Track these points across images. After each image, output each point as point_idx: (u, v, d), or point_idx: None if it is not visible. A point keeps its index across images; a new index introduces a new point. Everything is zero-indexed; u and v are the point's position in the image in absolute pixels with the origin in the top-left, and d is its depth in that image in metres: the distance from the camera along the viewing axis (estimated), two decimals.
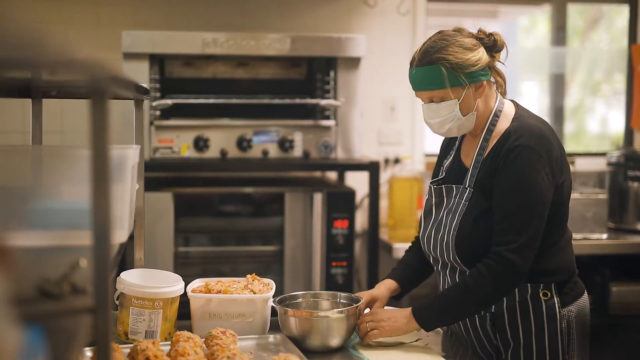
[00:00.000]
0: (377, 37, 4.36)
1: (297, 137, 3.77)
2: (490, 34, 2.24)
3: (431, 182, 2.42)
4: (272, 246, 3.79)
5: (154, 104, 3.67)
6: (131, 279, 2.26)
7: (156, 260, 3.49)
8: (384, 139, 4.42)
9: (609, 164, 4.27)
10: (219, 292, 2.29)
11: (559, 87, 4.95)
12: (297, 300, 2.41)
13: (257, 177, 4.13)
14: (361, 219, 4.26)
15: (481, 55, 2.20)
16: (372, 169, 3.76)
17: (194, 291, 2.31)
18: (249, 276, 2.41)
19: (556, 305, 2.23)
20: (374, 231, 3.77)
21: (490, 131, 2.26)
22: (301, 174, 4.27)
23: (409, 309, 2.23)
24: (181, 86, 3.92)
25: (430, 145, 4.44)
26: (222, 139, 3.73)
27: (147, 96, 2.41)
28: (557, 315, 2.23)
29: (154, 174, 3.84)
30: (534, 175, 2.14)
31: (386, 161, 4.40)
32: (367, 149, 4.24)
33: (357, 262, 4.15)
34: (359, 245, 4.21)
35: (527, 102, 2.37)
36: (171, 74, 3.93)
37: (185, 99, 3.79)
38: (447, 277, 2.32)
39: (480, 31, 2.25)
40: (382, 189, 4.12)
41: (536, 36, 5.58)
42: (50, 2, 4.06)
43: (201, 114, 3.81)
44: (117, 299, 2.26)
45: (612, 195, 4.15)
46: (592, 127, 5.37)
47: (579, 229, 3.83)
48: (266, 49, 3.73)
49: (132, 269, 2.43)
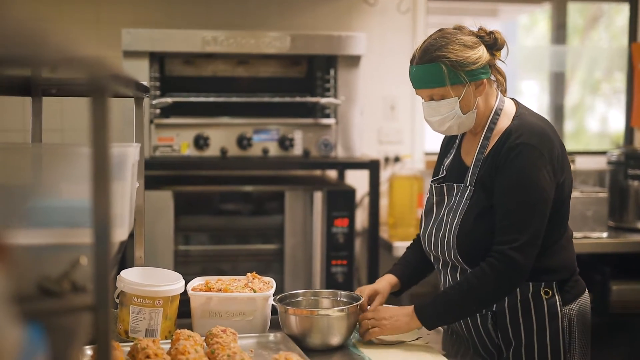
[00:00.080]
0: (377, 36, 4.36)
1: (297, 136, 3.77)
2: (490, 32, 2.24)
3: (432, 181, 2.42)
4: (273, 245, 3.79)
5: (154, 102, 3.67)
6: (131, 277, 2.25)
7: (156, 258, 3.49)
8: (384, 137, 4.42)
9: (609, 163, 4.27)
10: (219, 291, 2.29)
11: (559, 85, 4.94)
12: (298, 298, 2.41)
13: (257, 175, 4.13)
14: (361, 218, 4.26)
15: (481, 53, 2.20)
16: (372, 167, 3.76)
17: (194, 289, 2.31)
18: (249, 274, 2.41)
19: (557, 303, 2.23)
20: (374, 230, 3.77)
21: (491, 129, 2.26)
22: (301, 173, 4.27)
23: (411, 307, 2.22)
24: (181, 84, 3.92)
25: (430, 143, 4.44)
26: (222, 138, 3.72)
27: (147, 94, 2.41)
28: (559, 313, 2.23)
29: (154, 173, 3.84)
30: (536, 173, 2.14)
31: (386, 160, 4.40)
32: (367, 147, 4.24)
33: (357, 260, 4.15)
34: (359, 243, 4.21)
35: (527, 101, 2.36)
36: (171, 72, 3.93)
37: (185, 97, 3.79)
38: (448, 275, 2.32)
39: (480, 29, 2.25)
40: (382, 187, 4.12)
41: (536, 35, 5.58)
42: (50, 0, 4.06)
43: (201, 112, 3.81)
44: (118, 298, 2.25)
45: (613, 193, 4.15)
46: (592, 125, 5.37)
47: (579, 228, 3.82)
48: (266, 47, 3.72)
49: (132, 267, 2.43)
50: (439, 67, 2.17)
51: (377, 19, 4.38)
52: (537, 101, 5.15)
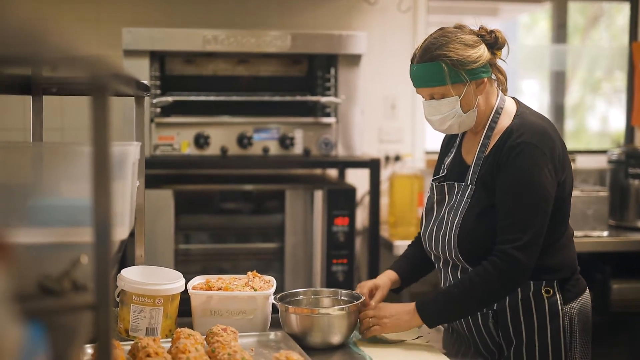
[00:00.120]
0: (377, 35, 4.36)
1: (298, 135, 3.77)
2: (491, 31, 2.24)
3: (433, 180, 2.42)
4: (273, 243, 3.79)
5: (154, 101, 3.67)
6: (132, 276, 2.26)
7: (157, 257, 3.49)
8: (385, 136, 4.42)
9: (610, 162, 4.27)
10: (220, 289, 2.29)
11: (559, 84, 4.94)
12: (298, 297, 2.41)
13: (257, 174, 4.13)
14: (362, 217, 4.26)
15: (482, 52, 2.20)
16: (373, 166, 3.76)
17: (194, 288, 2.31)
18: (249, 273, 2.41)
19: (558, 302, 2.23)
20: (374, 228, 3.77)
21: (491, 128, 2.26)
22: (302, 172, 4.27)
23: (412, 305, 2.22)
24: (182, 83, 3.92)
25: (430, 142, 4.44)
26: (222, 136, 3.72)
27: (147, 93, 2.41)
28: (560, 312, 2.23)
29: (155, 171, 3.83)
30: (537, 172, 2.14)
31: (387, 158, 4.40)
32: (367, 146, 4.24)
33: (358, 259, 4.15)
34: (359, 242, 4.21)
35: (527, 100, 2.36)
36: (172, 71, 3.93)
37: (185, 96, 3.79)
38: (449, 274, 2.32)
39: (481, 28, 2.25)
40: (383, 186, 4.12)
41: (536, 34, 5.57)
42: None
43: (202, 111, 3.81)
44: (118, 296, 2.25)
45: (613, 192, 4.15)
46: (593, 124, 5.37)
47: (580, 227, 3.82)
48: (267, 46, 3.72)
49: (132, 266, 2.43)
50: (439, 66, 2.17)
51: (377, 18, 4.38)
52: (537, 100, 5.15)
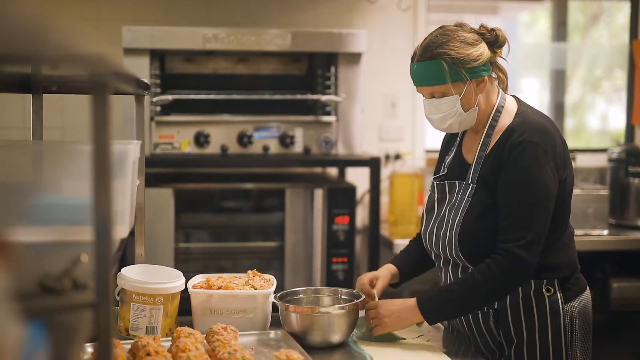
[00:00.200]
0: (378, 33, 4.36)
1: (298, 133, 3.76)
2: (492, 29, 2.24)
3: (433, 178, 2.42)
4: (273, 242, 3.79)
5: (154, 100, 3.67)
6: (132, 274, 2.25)
7: (157, 256, 3.49)
8: (385, 135, 4.41)
9: (610, 160, 4.26)
10: (220, 288, 2.29)
11: (559, 83, 4.94)
12: (298, 296, 2.40)
13: (257, 173, 4.13)
14: (362, 215, 4.26)
15: (482, 50, 2.19)
16: (373, 165, 3.75)
17: (194, 287, 2.31)
18: (249, 272, 2.41)
19: (559, 301, 2.23)
20: (374, 227, 3.77)
21: (492, 127, 2.25)
22: (302, 170, 4.27)
23: (413, 301, 2.21)
24: (182, 82, 3.92)
25: (431, 141, 4.44)
26: (222, 135, 3.72)
27: (147, 92, 2.40)
28: (561, 311, 2.22)
29: (155, 170, 3.83)
30: (539, 170, 2.14)
31: (387, 157, 4.40)
32: (367, 145, 4.24)
33: (358, 258, 4.15)
34: (359, 241, 4.20)
35: (527, 99, 2.36)
36: (172, 69, 3.93)
37: (185, 95, 3.79)
38: (449, 273, 2.31)
39: (481, 26, 2.25)
40: (383, 185, 4.12)
41: (536, 32, 5.57)
42: None
43: (202, 109, 3.80)
44: (118, 295, 2.25)
45: (613, 191, 4.15)
46: (593, 123, 5.37)
47: (580, 225, 3.82)
48: (267, 45, 3.72)
49: (133, 264, 2.43)
50: (440, 65, 2.17)
51: (377, 17, 4.38)
52: (537, 99, 5.14)
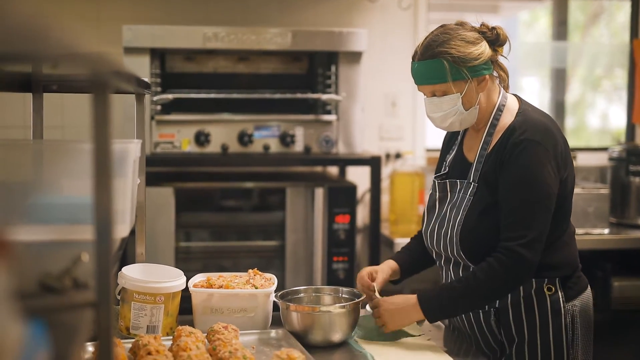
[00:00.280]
0: (378, 32, 4.36)
1: (298, 132, 3.76)
2: (493, 28, 2.23)
3: (435, 177, 2.42)
4: (274, 241, 3.79)
5: (154, 99, 3.66)
6: (133, 273, 2.25)
7: (157, 255, 3.49)
8: (385, 133, 4.41)
9: (611, 159, 4.26)
10: (221, 287, 2.29)
11: (559, 82, 4.94)
12: (299, 295, 2.40)
13: (258, 172, 4.13)
14: (362, 214, 4.26)
15: (484, 49, 2.19)
16: (374, 163, 3.75)
17: (195, 286, 2.31)
18: (250, 271, 2.41)
19: (560, 300, 2.23)
20: (375, 226, 3.77)
21: (493, 125, 2.25)
22: (302, 169, 4.26)
23: (414, 298, 2.20)
24: (182, 81, 3.92)
25: (431, 140, 4.44)
26: (223, 134, 3.72)
27: (148, 91, 2.40)
28: (562, 310, 2.22)
29: (155, 169, 3.83)
30: (541, 169, 2.13)
31: (387, 156, 4.39)
32: (368, 143, 4.23)
33: (359, 257, 4.14)
34: (360, 240, 4.20)
35: (527, 97, 2.36)
36: (172, 68, 3.93)
37: (186, 94, 3.79)
38: (450, 271, 2.31)
39: (483, 25, 2.24)
40: (384, 184, 4.11)
41: (537, 31, 5.57)
42: None
43: (202, 108, 3.80)
44: (119, 294, 2.25)
45: (614, 190, 4.15)
46: (593, 122, 5.36)
47: (580, 224, 3.82)
48: (267, 44, 3.72)
49: (133, 263, 2.43)
50: (440, 63, 2.17)
51: (378, 15, 4.37)
52: (537, 98, 5.14)
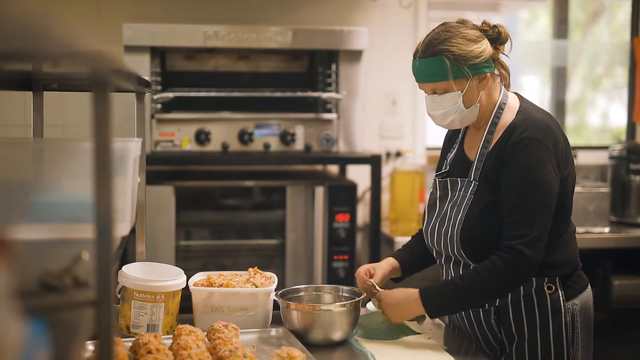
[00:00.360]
0: (379, 30, 4.35)
1: (299, 131, 3.76)
2: (494, 26, 2.23)
3: (435, 175, 2.41)
4: (274, 240, 3.79)
5: (155, 97, 3.66)
6: (133, 272, 2.25)
7: (157, 253, 3.49)
8: (386, 132, 4.41)
9: (611, 158, 4.26)
10: (221, 286, 2.29)
11: (560, 80, 4.94)
12: (299, 293, 2.40)
13: (258, 170, 4.13)
14: (363, 213, 4.26)
15: (485, 47, 2.19)
16: (374, 162, 3.75)
17: (195, 285, 2.31)
18: (250, 270, 2.41)
19: (561, 298, 2.22)
20: (375, 225, 3.77)
21: (494, 124, 2.25)
22: (303, 168, 4.26)
23: (416, 293, 2.20)
24: (182, 79, 3.92)
25: (431, 138, 4.43)
26: (223, 133, 3.72)
27: (148, 89, 2.40)
28: (562, 308, 2.22)
29: (155, 168, 3.83)
30: (542, 167, 2.13)
31: (388, 155, 4.39)
32: (368, 142, 4.23)
33: (359, 255, 4.14)
34: (360, 238, 4.20)
35: (528, 96, 2.36)
36: (172, 67, 3.93)
37: (186, 92, 3.79)
38: (451, 270, 2.31)
39: (484, 23, 2.24)
40: (384, 182, 4.11)
41: (537, 29, 5.56)
42: None
43: (202, 107, 3.80)
44: (119, 293, 2.25)
45: (614, 188, 4.15)
46: (593, 120, 5.36)
47: (581, 223, 3.82)
48: (267, 42, 3.72)
49: (133, 262, 2.43)
50: (442, 61, 2.16)
51: (378, 14, 4.37)
52: (538, 96, 5.14)
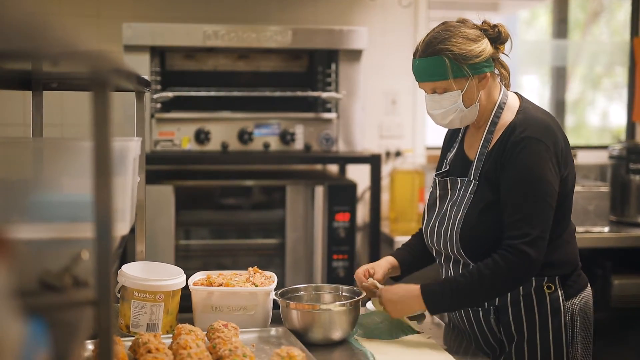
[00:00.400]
0: (378, 30, 4.35)
1: (299, 130, 3.76)
2: (494, 26, 2.23)
3: (435, 175, 2.41)
4: (274, 239, 3.79)
5: (154, 97, 3.66)
6: (133, 272, 2.25)
7: (157, 253, 3.49)
8: (386, 131, 4.41)
9: (611, 157, 4.26)
10: (221, 285, 2.29)
11: (559, 80, 4.94)
12: (299, 293, 2.40)
13: (258, 170, 4.13)
14: (362, 212, 4.26)
15: (485, 46, 2.19)
16: (374, 161, 3.75)
17: (195, 284, 2.31)
18: (250, 269, 2.41)
19: (560, 298, 2.22)
20: (375, 224, 3.77)
21: (494, 123, 2.25)
22: (302, 167, 4.26)
23: (417, 289, 2.20)
24: (182, 79, 3.92)
25: (431, 138, 4.44)
26: (223, 132, 3.72)
27: (148, 88, 2.40)
28: (561, 308, 2.22)
29: (155, 167, 3.84)
30: (542, 166, 2.13)
31: (387, 154, 4.39)
32: (368, 142, 4.23)
33: (359, 255, 4.14)
34: (360, 238, 4.20)
35: (527, 96, 2.36)
36: (172, 66, 3.93)
37: (186, 92, 3.79)
38: (450, 269, 2.31)
39: (484, 22, 2.24)
40: (384, 182, 4.11)
41: (536, 29, 5.56)
42: None
43: (202, 106, 3.80)
44: (119, 292, 2.25)
45: (614, 188, 4.15)
46: (593, 120, 5.36)
47: (581, 222, 3.82)
48: (267, 42, 3.72)
49: (133, 261, 2.43)
50: (442, 60, 2.16)
51: (378, 13, 4.37)
52: (537, 96, 5.14)
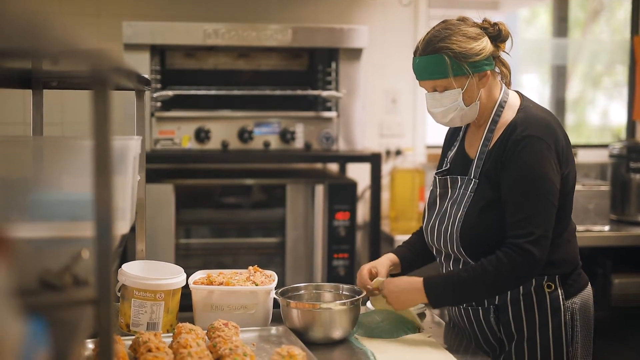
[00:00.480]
0: (379, 29, 4.35)
1: (299, 129, 3.76)
2: (494, 24, 2.23)
3: (436, 173, 2.41)
4: (274, 238, 3.79)
5: (155, 95, 3.66)
6: (133, 270, 2.25)
7: (157, 252, 3.49)
8: (386, 130, 4.41)
9: (611, 156, 4.26)
10: (221, 284, 2.29)
11: (560, 78, 4.94)
12: (300, 292, 2.40)
13: (258, 168, 4.12)
14: (363, 211, 4.26)
15: (485, 44, 2.19)
16: (374, 160, 3.75)
17: (195, 283, 2.31)
18: (250, 268, 2.41)
19: (560, 297, 2.22)
20: (375, 223, 3.77)
21: (495, 122, 2.25)
22: (302, 166, 4.26)
23: (420, 282, 2.20)
24: (182, 77, 3.91)
25: (431, 137, 4.43)
26: (223, 131, 3.72)
27: (148, 87, 2.40)
28: (561, 307, 2.22)
29: (155, 166, 3.83)
30: (544, 165, 2.13)
31: (387, 153, 4.39)
32: (368, 140, 4.23)
33: (359, 254, 4.14)
34: (360, 237, 4.20)
35: (528, 94, 2.36)
36: (172, 65, 3.92)
37: (186, 90, 3.78)
38: (450, 268, 2.31)
39: (484, 21, 2.24)
40: (384, 180, 4.11)
41: (537, 28, 5.56)
42: None
43: (202, 105, 3.80)
44: (119, 291, 2.25)
45: (614, 187, 4.15)
46: (593, 119, 5.36)
47: (581, 221, 3.82)
48: (267, 40, 3.72)
49: (133, 260, 2.43)
50: (442, 58, 2.16)
51: (379, 12, 4.37)
52: (538, 94, 5.14)
